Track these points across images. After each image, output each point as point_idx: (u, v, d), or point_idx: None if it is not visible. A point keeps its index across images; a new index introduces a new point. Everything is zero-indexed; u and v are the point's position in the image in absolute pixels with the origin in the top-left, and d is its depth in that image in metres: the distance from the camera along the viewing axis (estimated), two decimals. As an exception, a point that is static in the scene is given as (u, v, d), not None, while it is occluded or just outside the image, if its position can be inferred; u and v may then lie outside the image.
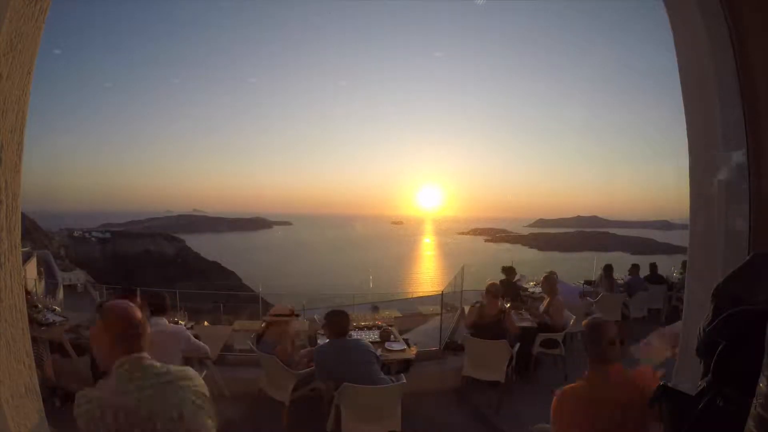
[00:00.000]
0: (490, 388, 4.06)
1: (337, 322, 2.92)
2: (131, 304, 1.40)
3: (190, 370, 1.41)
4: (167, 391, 1.28)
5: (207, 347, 3.24)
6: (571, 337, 5.15)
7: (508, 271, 6.20)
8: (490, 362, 3.84)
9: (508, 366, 3.80)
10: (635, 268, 7.09)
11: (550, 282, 4.92)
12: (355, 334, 3.94)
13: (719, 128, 1.34)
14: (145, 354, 1.32)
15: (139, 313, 1.37)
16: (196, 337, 3.61)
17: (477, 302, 4.35)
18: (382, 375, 2.91)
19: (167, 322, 3.07)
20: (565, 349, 4.50)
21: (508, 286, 5.86)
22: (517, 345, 3.98)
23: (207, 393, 1.39)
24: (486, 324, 3.99)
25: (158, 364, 1.33)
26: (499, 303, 4.19)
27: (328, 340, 2.98)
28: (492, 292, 4.15)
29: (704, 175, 1.43)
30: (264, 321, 3.69)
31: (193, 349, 3.10)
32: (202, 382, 1.42)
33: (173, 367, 1.36)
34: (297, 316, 3.63)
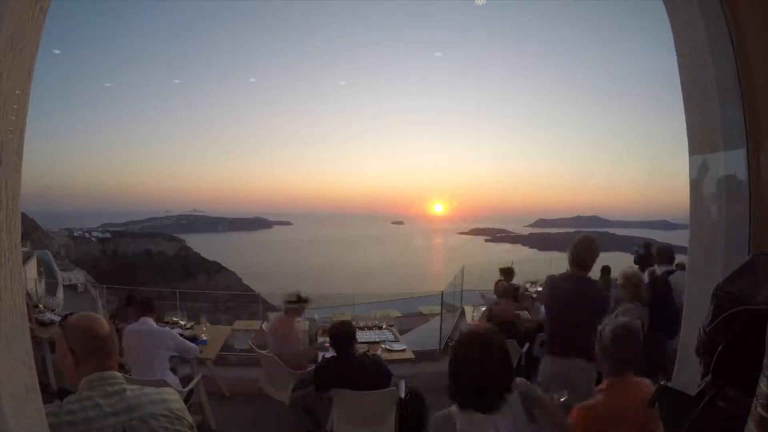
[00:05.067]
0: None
1: (337, 335, 2.78)
2: (96, 317, 1.28)
3: (166, 392, 1.27)
4: (134, 415, 1.15)
5: (196, 348, 3.23)
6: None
7: (507, 272, 6.19)
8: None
9: (516, 366, 3.79)
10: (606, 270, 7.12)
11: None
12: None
13: (719, 128, 1.34)
14: (115, 373, 1.21)
15: (105, 327, 1.25)
16: (192, 338, 3.62)
17: (495, 303, 4.34)
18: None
19: (154, 323, 3.03)
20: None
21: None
22: (527, 345, 3.98)
23: (186, 416, 1.27)
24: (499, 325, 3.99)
25: (130, 386, 1.20)
26: (514, 304, 4.20)
27: (333, 355, 2.85)
28: (505, 292, 4.15)
29: (704, 175, 1.42)
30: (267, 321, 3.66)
31: (182, 350, 3.08)
32: (181, 405, 1.29)
33: (147, 389, 1.23)
34: (306, 301, 3.63)
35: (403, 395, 2.80)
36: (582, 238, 2.66)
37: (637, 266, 4.19)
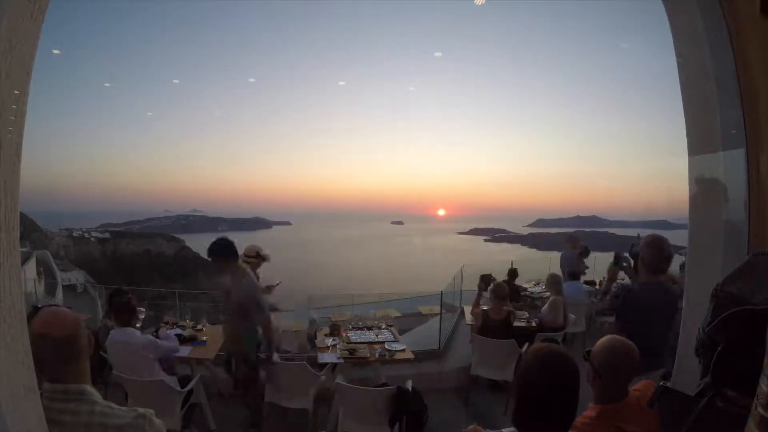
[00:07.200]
0: (492, 388, 4.06)
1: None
2: (62, 313, 1.10)
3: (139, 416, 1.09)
4: None
5: (175, 345, 3.20)
6: (573, 337, 5.15)
7: (512, 273, 6.20)
8: (499, 362, 3.82)
9: (516, 366, 3.79)
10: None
11: (552, 282, 4.91)
12: (354, 335, 3.94)
13: (719, 128, 1.34)
14: (73, 386, 1.04)
15: (63, 329, 1.05)
16: (191, 339, 3.62)
17: (483, 308, 4.28)
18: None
19: (135, 331, 2.87)
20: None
21: (511, 287, 5.85)
22: (526, 345, 3.98)
23: None
24: (492, 327, 3.97)
25: (87, 407, 1.04)
26: (506, 306, 4.16)
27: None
28: (497, 294, 4.11)
29: (704, 175, 1.43)
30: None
31: (164, 354, 3.00)
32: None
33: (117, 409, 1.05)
34: (265, 259, 3.72)
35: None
36: (654, 239, 2.35)
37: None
